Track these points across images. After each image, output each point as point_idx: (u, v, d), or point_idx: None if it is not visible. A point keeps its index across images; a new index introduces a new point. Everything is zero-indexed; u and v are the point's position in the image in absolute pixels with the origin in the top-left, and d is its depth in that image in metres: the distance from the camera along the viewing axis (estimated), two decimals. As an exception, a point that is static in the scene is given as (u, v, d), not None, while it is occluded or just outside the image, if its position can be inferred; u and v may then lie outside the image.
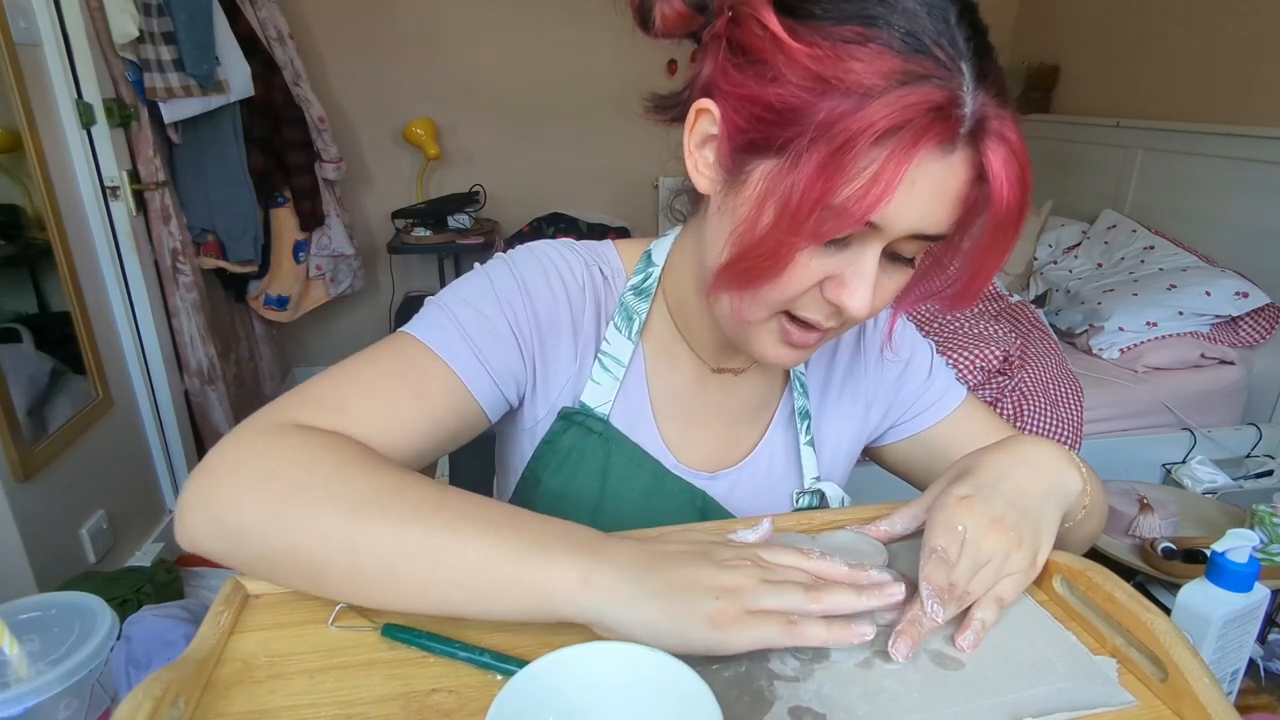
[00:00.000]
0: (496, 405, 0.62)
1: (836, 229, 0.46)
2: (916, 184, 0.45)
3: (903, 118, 0.42)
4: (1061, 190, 2.83)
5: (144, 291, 2.00)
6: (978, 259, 0.50)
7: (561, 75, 3.09)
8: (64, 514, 1.68)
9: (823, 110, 0.44)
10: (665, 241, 0.68)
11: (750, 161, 0.49)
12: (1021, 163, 0.46)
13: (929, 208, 0.47)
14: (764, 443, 0.71)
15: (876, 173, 0.43)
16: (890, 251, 0.50)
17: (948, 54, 0.43)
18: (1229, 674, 0.62)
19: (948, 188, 0.46)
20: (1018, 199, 0.46)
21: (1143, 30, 2.58)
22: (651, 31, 0.55)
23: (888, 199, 0.43)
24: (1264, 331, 2.06)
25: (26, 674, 0.63)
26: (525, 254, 0.65)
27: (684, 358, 0.68)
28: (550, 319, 0.63)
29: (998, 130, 0.45)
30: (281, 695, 0.43)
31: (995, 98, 0.45)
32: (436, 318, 0.60)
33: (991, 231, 0.48)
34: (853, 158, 0.43)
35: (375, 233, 3.19)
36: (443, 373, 0.58)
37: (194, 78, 2.07)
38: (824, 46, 0.44)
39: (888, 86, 0.43)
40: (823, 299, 0.52)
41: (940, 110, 0.43)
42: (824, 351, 0.74)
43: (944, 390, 0.74)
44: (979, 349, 1.83)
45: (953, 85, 0.43)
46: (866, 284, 0.49)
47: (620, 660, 0.40)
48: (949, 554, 0.49)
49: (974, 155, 0.46)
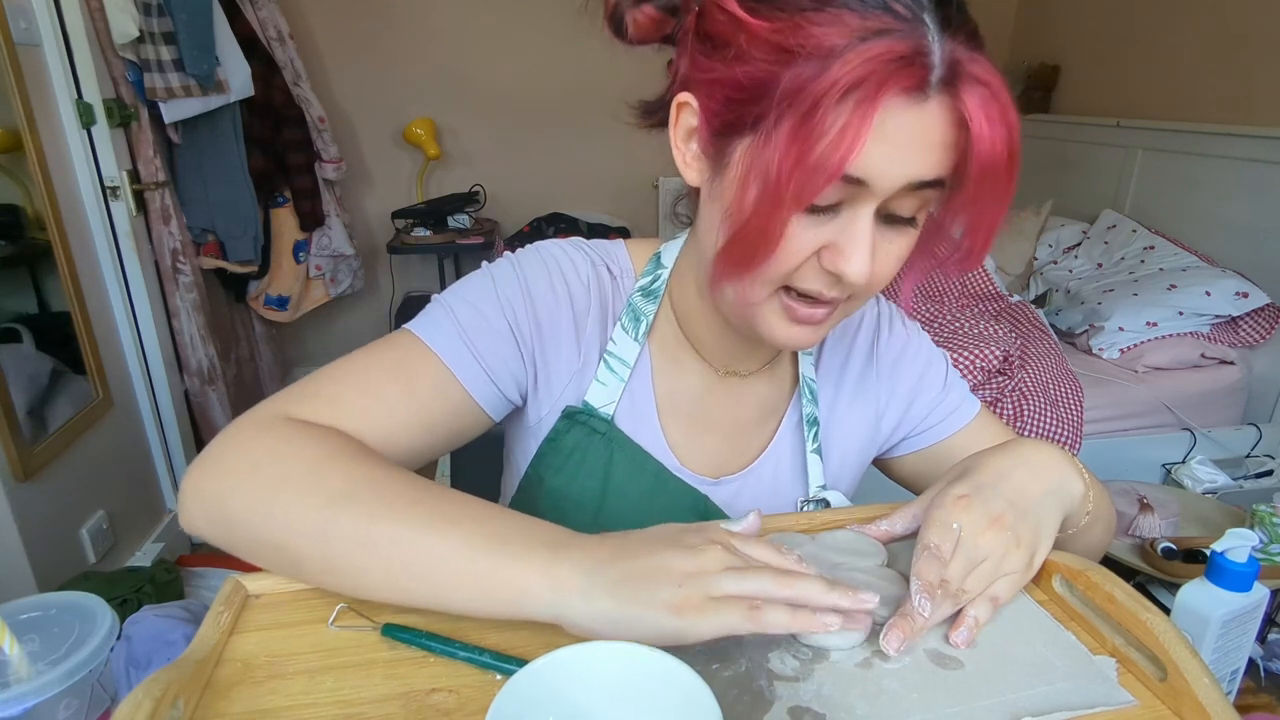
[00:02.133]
0: (497, 404, 0.63)
1: (816, 189, 0.45)
2: (891, 133, 0.45)
3: (864, 70, 0.42)
4: (1061, 190, 2.83)
5: (144, 291, 2.01)
6: (975, 211, 0.49)
7: (562, 75, 3.09)
8: (64, 514, 1.68)
9: (787, 78, 0.44)
10: (675, 245, 0.67)
11: (730, 144, 0.50)
12: (1002, 102, 0.45)
13: (911, 155, 0.46)
14: (770, 449, 0.71)
15: (844, 125, 0.43)
16: (887, 213, 0.50)
17: (906, 7, 0.44)
18: (1228, 674, 0.62)
19: (929, 134, 0.46)
20: (1004, 138, 0.45)
21: (1143, 30, 2.58)
22: (626, 39, 0.55)
23: (858, 148, 0.43)
24: (1264, 331, 2.06)
25: (26, 674, 0.63)
26: (531, 253, 0.65)
27: (690, 362, 0.68)
28: (551, 318, 0.63)
29: (971, 73, 0.44)
30: (281, 695, 0.43)
31: (966, 43, 0.45)
32: (437, 316, 0.61)
33: (980, 175, 0.46)
34: (821, 117, 0.43)
35: (375, 233, 3.19)
36: (439, 371, 0.59)
37: (194, 78, 2.07)
38: (783, 19, 0.44)
39: (849, 45, 0.43)
40: (821, 269, 0.51)
41: (903, 59, 0.43)
42: (836, 358, 0.73)
43: (958, 403, 0.73)
44: (979, 349, 1.83)
45: (916, 35, 0.43)
46: (861, 248, 0.49)
47: (620, 660, 0.40)
48: (942, 550, 0.49)
49: (953, 101, 0.45)
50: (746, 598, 0.43)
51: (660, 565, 0.43)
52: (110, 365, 1.88)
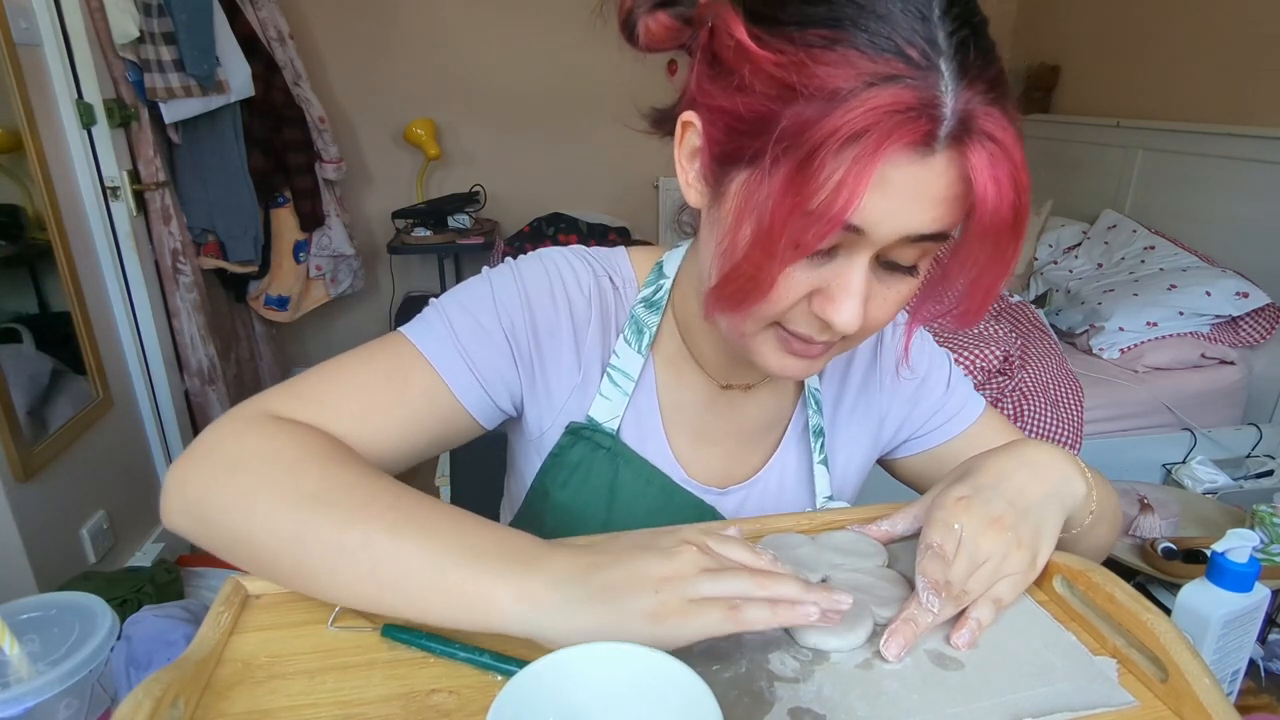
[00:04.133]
0: (489, 413, 0.62)
1: (809, 246, 0.44)
2: (893, 187, 0.42)
3: (867, 121, 0.40)
4: (1061, 190, 2.83)
5: (144, 291, 2.01)
6: (974, 271, 0.47)
7: (562, 75, 3.09)
8: (64, 514, 1.68)
9: (788, 117, 0.42)
10: (677, 254, 0.67)
11: (728, 173, 0.48)
12: (1014, 162, 0.42)
13: (911, 210, 0.44)
14: (775, 459, 0.70)
15: (841, 179, 0.41)
16: (887, 260, 0.48)
17: (922, 52, 0.41)
18: (1229, 674, 0.62)
19: (932, 190, 0.43)
20: (1011, 201, 0.43)
21: (1143, 30, 2.58)
22: (637, 45, 0.54)
23: (854, 204, 0.41)
24: (1264, 332, 2.06)
25: (27, 674, 0.63)
26: (533, 261, 0.64)
27: (693, 373, 0.67)
28: (550, 328, 0.63)
29: (984, 129, 0.42)
30: (281, 695, 0.43)
31: (984, 94, 0.42)
32: (432, 320, 0.61)
33: (981, 237, 0.44)
34: (818, 166, 0.41)
35: (375, 233, 3.19)
36: (428, 376, 0.58)
37: (194, 78, 2.07)
38: (790, 53, 0.42)
39: (854, 90, 0.40)
40: (811, 313, 0.50)
41: (911, 111, 0.40)
42: (838, 366, 0.72)
43: (962, 403, 0.72)
44: (979, 349, 1.83)
45: (927, 84, 0.41)
46: (852, 297, 0.47)
47: (620, 661, 0.40)
48: (945, 550, 0.49)
49: (961, 157, 0.43)
50: (725, 599, 0.42)
51: (636, 573, 0.43)
52: (110, 365, 1.88)
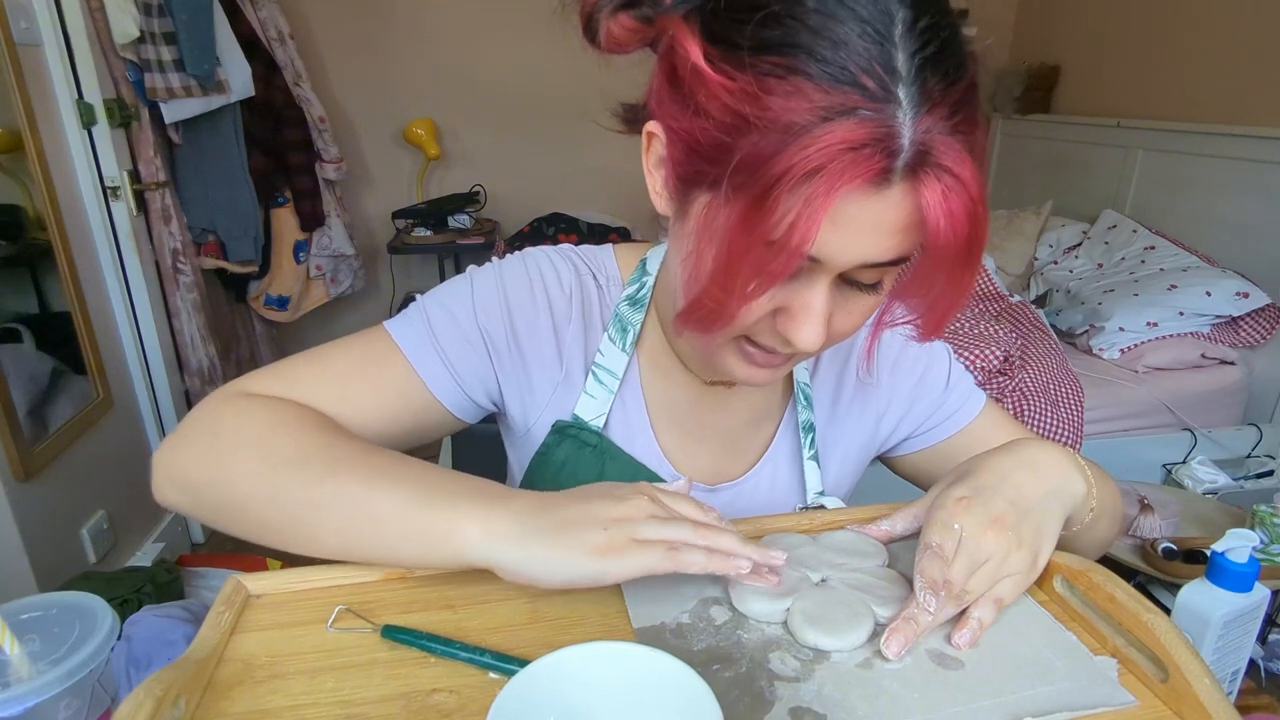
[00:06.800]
0: (465, 408, 0.64)
1: (764, 286, 0.44)
2: (849, 220, 0.42)
3: (821, 159, 0.39)
4: (1061, 190, 2.84)
5: (144, 291, 2.01)
6: (928, 294, 0.47)
7: (562, 75, 3.08)
8: (64, 514, 1.68)
9: (742, 150, 0.41)
10: (660, 251, 0.67)
11: (691, 193, 0.48)
12: (969, 195, 0.41)
13: (867, 240, 0.43)
14: (767, 456, 0.71)
15: (795, 217, 0.40)
16: (849, 278, 0.48)
17: (879, 82, 0.39)
18: (1229, 674, 0.62)
19: (887, 220, 0.42)
20: (965, 235, 0.42)
21: (1143, 30, 2.58)
22: (600, 47, 0.52)
23: (809, 241, 0.41)
24: (1264, 332, 2.06)
25: (27, 674, 0.63)
26: (515, 260, 0.66)
27: (677, 370, 0.68)
28: (529, 326, 0.64)
29: (940, 162, 0.40)
30: (282, 695, 0.43)
31: (945, 120, 0.40)
32: (413, 316, 0.63)
33: (933, 269, 0.44)
34: (774, 202, 0.40)
35: (376, 233, 3.19)
36: (404, 370, 0.61)
37: (194, 78, 2.07)
38: (742, 79, 0.41)
39: (808, 125, 0.39)
40: (775, 329, 0.50)
41: (865, 148, 0.39)
42: (835, 363, 0.72)
43: (963, 399, 0.72)
44: (979, 349, 1.83)
45: (884, 116, 0.39)
46: (813, 318, 0.47)
47: (620, 661, 0.40)
48: (944, 550, 0.49)
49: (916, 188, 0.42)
50: (666, 541, 0.45)
51: (589, 513, 0.47)
52: (110, 365, 1.88)
